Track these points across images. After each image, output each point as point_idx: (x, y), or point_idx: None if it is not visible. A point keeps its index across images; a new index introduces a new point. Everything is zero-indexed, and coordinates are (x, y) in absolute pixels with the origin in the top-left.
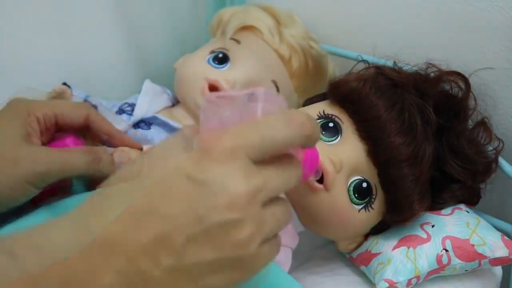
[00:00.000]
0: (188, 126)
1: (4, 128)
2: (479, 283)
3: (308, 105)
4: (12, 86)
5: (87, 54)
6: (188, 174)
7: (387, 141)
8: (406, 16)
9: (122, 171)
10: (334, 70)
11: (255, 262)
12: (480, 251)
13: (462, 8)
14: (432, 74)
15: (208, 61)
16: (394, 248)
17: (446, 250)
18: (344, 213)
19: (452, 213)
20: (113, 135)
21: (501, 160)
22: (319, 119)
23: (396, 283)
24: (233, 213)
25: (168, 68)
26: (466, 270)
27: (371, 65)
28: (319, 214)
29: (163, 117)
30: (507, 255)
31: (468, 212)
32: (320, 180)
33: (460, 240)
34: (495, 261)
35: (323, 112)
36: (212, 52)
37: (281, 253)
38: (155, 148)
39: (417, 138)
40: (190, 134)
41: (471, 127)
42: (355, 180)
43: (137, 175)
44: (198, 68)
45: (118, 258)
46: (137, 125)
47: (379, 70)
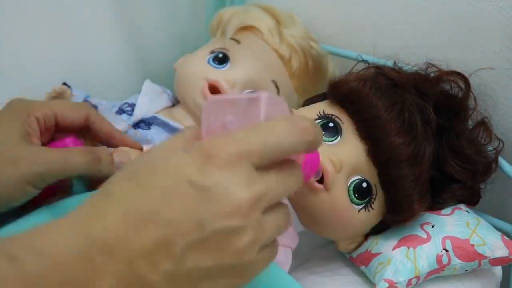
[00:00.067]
0: (189, 127)
1: (4, 128)
2: (479, 283)
3: (308, 105)
4: (12, 86)
5: (87, 54)
6: (190, 179)
7: (387, 141)
8: (406, 16)
9: (122, 171)
10: (334, 70)
11: (253, 268)
12: (480, 251)
13: (462, 8)
14: (432, 74)
15: (208, 61)
16: (394, 248)
17: (446, 250)
18: (344, 213)
19: (452, 213)
20: (113, 135)
21: (501, 160)
22: (319, 119)
23: (396, 283)
24: (235, 220)
25: (168, 68)
26: (466, 270)
27: (371, 65)
28: (319, 214)
29: (163, 117)
30: (507, 255)
31: (468, 212)
32: (320, 180)
33: (460, 240)
34: (495, 261)
35: (323, 112)
36: (212, 52)
37: (281, 253)
38: (155, 148)
39: (417, 138)
40: (192, 135)
41: (471, 127)
42: (355, 180)
43: (137, 176)
44: (198, 68)
45: (118, 261)
46: (137, 125)
47: (379, 70)
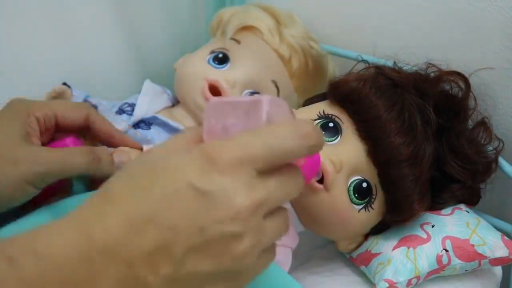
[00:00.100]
0: (190, 128)
1: (4, 128)
2: (479, 283)
3: (308, 105)
4: (12, 86)
5: (87, 54)
6: (193, 184)
7: (387, 141)
8: (406, 16)
9: (123, 172)
10: (334, 70)
11: (252, 272)
12: (480, 251)
13: (462, 8)
14: (432, 74)
15: (208, 61)
16: (394, 248)
17: (446, 250)
18: (344, 213)
19: (452, 213)
20: (113, 135)
21: (501, 160)
22: (319, 119)
23: (396, 283)
24: (235, 226)
25: (168, 68)
26: (466, 270)
27: (371, 65)
28: (319, 214)
29: (163, 117)
30: (507, 255)
31: (468, 212)
32: (320, 180)
33: (460, 240)
34: (495, 261)
35: (323, 112)
36: (212, 52)
37: (281, 253)
38: (156, 148)
39: (417, 138)
40: (193, 136)
41: (471, 127)
42: (355, 180)
43: (138, 176)
44: (198, 68)
45: (118, 264)
46: (137, 125)
47: (379, 70)
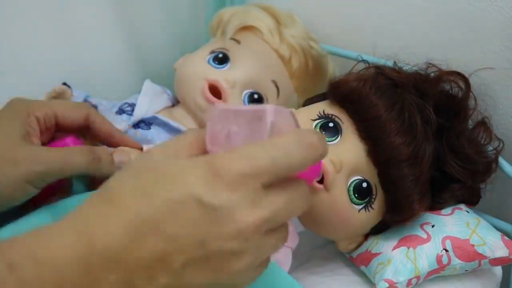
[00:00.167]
0: (192, 130)
1: (4, 128)
2: (479, 283)
3: (308, 105)
4: (12, 86)
5: (87, 54)
6: (198, 197)
7: (387, 141)
8: (406, 16)
9: (126, 173)
10: (334, 70)
11: (244, 283)
12: (480, 251)
13: (462, 8)
14: (432, 74)
15: (208, 61)
16: (394, 248)
17: (446, 250)
18: (344, 213)
19: (452, 213)
20: (113, 135)
21: (501, 160)
22: (319, 119)
23: (396, 283)
24: (236, 243)
25: (168, 68)
26: (466, 270)
27: (371, 65)
28: (319, 214)
29: (163, 117)
30: (507, 255)
31: (468, 212)
32: (320, 180)
33: (460, 240)
34: (495, 261)
35: (323, 112)
36: (212, 52)
37: (281, 253)
38: (158, 150)
39: (417, 138)
40: (195, 140)
41: (471, 127)
42: (355, 180)
43: (143, 181)
44: (198, 68)
45: (116, 272)
46: (137, 125)
47: (379, 70)
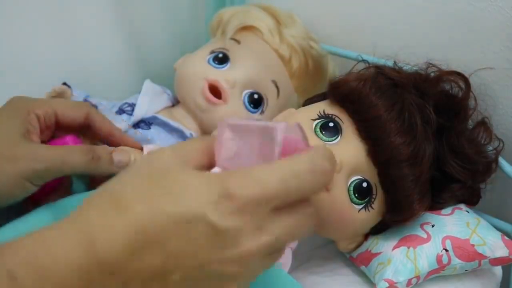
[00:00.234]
0: (201, 138)
1: (4, 125)
2: (479, 283)
3: (308, 104)
4: (12, 86)
5: (87, 54)
6: (207, 218)
7: (387, 141)
8: (406, 16)
9: (133, 177)
10: (334, 70)
11: None
12: (480, 251)
13: (462, 8)
14: (432, 74)
15: (208, 61)
16: (394, 248)
17: (446, 250)
18: (344, 213)
19: (452, 213)
20: (114, 133)
21: (501, 160)
22: (319, 118)
23: (396, 283)
24: (236, 267)
25: (168, 68)
26: (466, 270)
27: (371, 65)
28: (319, 214)
29: (163, 117)
30: (507, 255)
31: (468, 212)
32: None
33: (460, 240)
34: (495, 261)
35: (323, 111)
36: (212, 52)
37: None
38: (166, 155)
39: (417, 138)
40: (204, 149)
41: (471, 127)
42: (355, 180)
43: (151, 190)
44: (198, 68)
45: (114, 281)
46: (137, 125)
47: (379, 70)
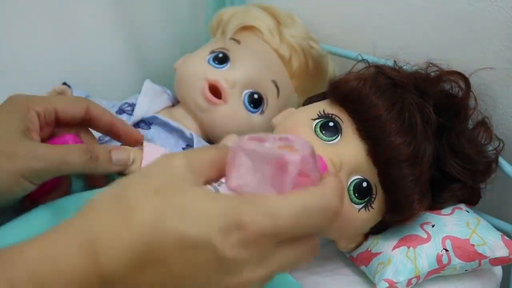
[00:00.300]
0: (217, 148)
1: (4, 123)
2: (479, 283)
3: (308, 104)
4: (12, 86)
5: (87, 54)
6: (214, 245)
7: (387, 140)
8: (406, 16)
9: (145, 185)
10: (334, 70)
11: None
12: (480, 251)
13: (462, 8)
14: (432, 74)
15: (208, 61)
16: (394, 248)
17: (446, 250)
18: (344, 212)
19: (452, 213)
20: (116, 124)
21: (501, 160)
22: (319, 118)
23: (396, 283)
24: None
25: (168, 68)
26: (466, 270)
27: (371, 65)
28: None
29: (163, 117)
30: (507, 255)
31: (468, 212)
32: None
33: (460, 240)
34: (495, 261)
35: (323, 111)
36: (212, 52)
37: None
38: (177, 159)
39: (417, 137)
40: (215, 164)
41: (471, 127)
42: (355, 179)
43: (163, 207)
44: (198, 68)
45: None
46: (137, 125)
47: (379, 70)
